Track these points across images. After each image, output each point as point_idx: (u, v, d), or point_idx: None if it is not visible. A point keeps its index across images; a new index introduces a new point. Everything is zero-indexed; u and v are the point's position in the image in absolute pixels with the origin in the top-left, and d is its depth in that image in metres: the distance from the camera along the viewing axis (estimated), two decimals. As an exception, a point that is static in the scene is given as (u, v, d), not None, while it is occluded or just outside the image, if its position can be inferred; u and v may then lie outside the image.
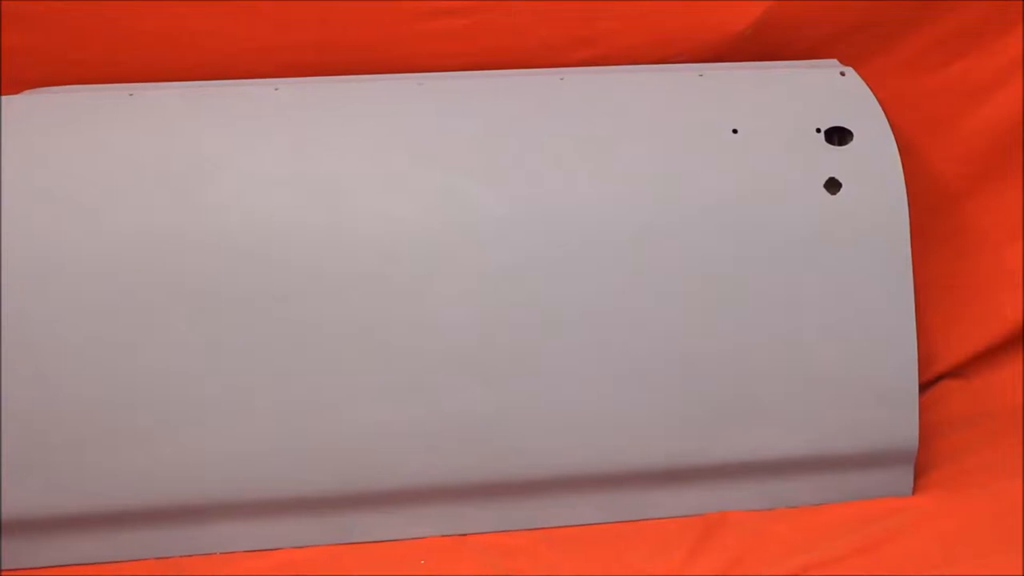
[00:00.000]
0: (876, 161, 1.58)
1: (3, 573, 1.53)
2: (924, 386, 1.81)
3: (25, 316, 1.47)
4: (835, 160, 1.57)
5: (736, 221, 1.55)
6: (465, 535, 1.58)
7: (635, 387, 1.55)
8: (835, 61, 1.76)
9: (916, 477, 1.63)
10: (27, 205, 1.49)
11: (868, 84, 1.66)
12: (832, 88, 1.66)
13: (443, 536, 1.58)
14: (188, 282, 1.49)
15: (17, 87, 1.69)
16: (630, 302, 1.54)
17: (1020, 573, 1.42)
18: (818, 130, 1.59)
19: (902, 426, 1.58)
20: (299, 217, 1.51)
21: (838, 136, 1.60)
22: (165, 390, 1.49)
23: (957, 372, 1.88)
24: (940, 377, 1.87)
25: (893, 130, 1.60)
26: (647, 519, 1.60)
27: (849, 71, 1.69)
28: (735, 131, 1.59)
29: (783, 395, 1.56)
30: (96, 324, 1.48)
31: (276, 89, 1.64)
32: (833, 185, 1.56)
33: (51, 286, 1.47)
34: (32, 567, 1.54)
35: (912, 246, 1.56)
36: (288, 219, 1.51)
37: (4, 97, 1.63)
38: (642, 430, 1.56)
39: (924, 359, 1.71)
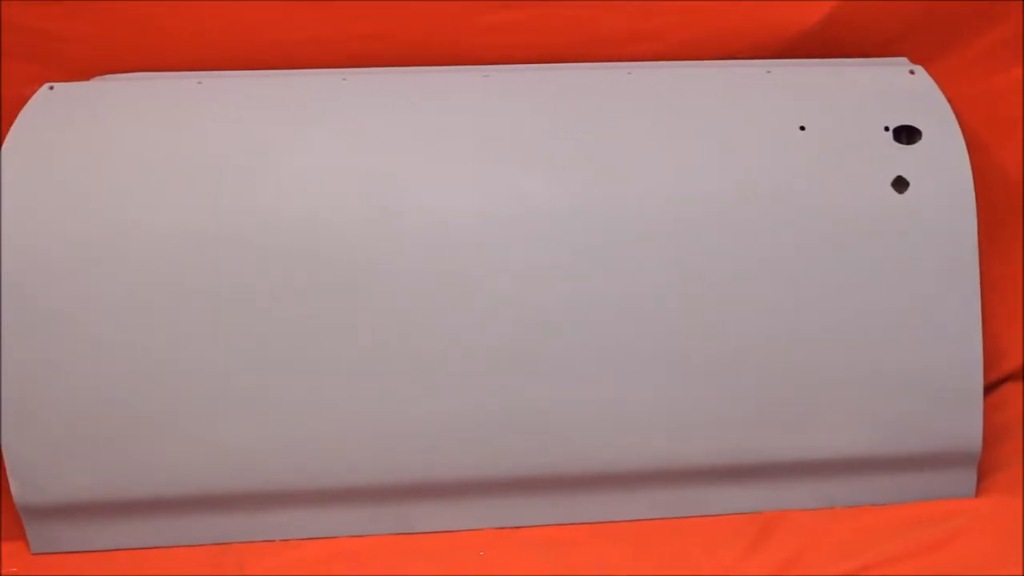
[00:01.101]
0: (944, 160, 1.56)
1: (65, 555, 1.55)
2: (989, 388, 1.78)
3: (82, 298, 1.48)
4: (903, 159, 1.56)
5: (803, 218, 1.54)
6: (519, 528, 1.59)
7: (693, 383, 1.54)
8: (904, 59, 1.74)
9: (979, 479, 1.61)
10: (93, 193, 1.50)
11: (937, 83, 1.65)
12: (901, 86, 1.64)
13: (497, 528, 1.58)
14: (249, 268, 1.50)
15: (86, 74, 1.71)
16: (690, 297, 1.53)
17: (1082, 579, 1.40)
18: (886, 128, 1.58)
19: (966, 427, 1.57)
20: (361, 209, 1.51)
21: (906, 135, 1.58)
22: (226, 377, 1.50)
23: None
24: (1005, 379, 1.84)
25: (962, 129, 1.59)
26: (704, 516, 1.60)
27: (918, 69, 1.67)
28: (802, 128, 1.58)
29: (845, 393, 1.56)
30: (156, 307, 1.49)
31: (344, 79, 1.65)
32: (900, 184, 1.55)
33: (112, 268, 1.49)
34: (93, 550, 1.56)
35: (979, 246, 1.55)
36: (350, 211, 1.51)
37: (73, 84, 1.65)
38: (700, 426, 1.56)
39: (989, 360, 1.69)
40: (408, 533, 1.58)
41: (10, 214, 1.48)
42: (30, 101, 1.59)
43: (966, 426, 1.57)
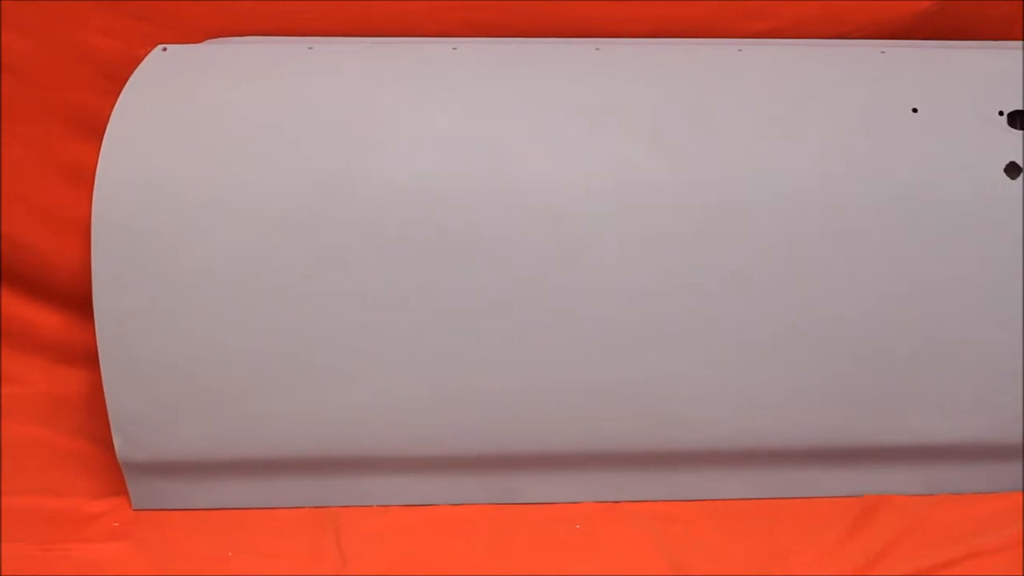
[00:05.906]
0: (1060, 147, 1.55)
1: (165, 512, 1.57)
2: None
3: (191, 258, 1.48)
4: (1017, 144, 1.54)
5: (912, 202, 1.52)
6: (618, 502, 1.59)
7: (799, 363, 1.53)
8: (1021, 43, 1.72)
9: (1091, 472, 1.60)
10: (204, 153, 1.51)
11: (1055, 68, 1.63)
12: (1017, 70, 1.62)
13: (596, 502, 1.58)
14: (356, 234, 1.49)
15: (199, 36, 1.72)
16: (797, 278, 1.52)
17: None
18: (1001, 113, 1.56)
19: (1079, 418, 1.56)
20: (467, 177, 1.51)
21: (1022, 120, 1.56)
22: (333, 343, 1.50)
23: None
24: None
25: (1078, 116, 1.57)
26: (805, 497, 1.59)
27: (1035, 54, 1.65)
28: (915, 110, 1.56)
29: (954, 379, 1.54)
30: (267, 273, 1.49)
31: (454, 49, 1.65)
32: (1014, 170, 1.53)
33: (220, 230, 1.48)
34: (193, 508, 1.57)
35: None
36: (456, 178, 1.50)
37: (186, 46, 1.66)
38: (805, 407, 1.55)
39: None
40: (506, 503, 1.58)
41: (121, 173, 1.49)
42: (143, 62, 1.60)
43: (1081, 418, 1.56)
